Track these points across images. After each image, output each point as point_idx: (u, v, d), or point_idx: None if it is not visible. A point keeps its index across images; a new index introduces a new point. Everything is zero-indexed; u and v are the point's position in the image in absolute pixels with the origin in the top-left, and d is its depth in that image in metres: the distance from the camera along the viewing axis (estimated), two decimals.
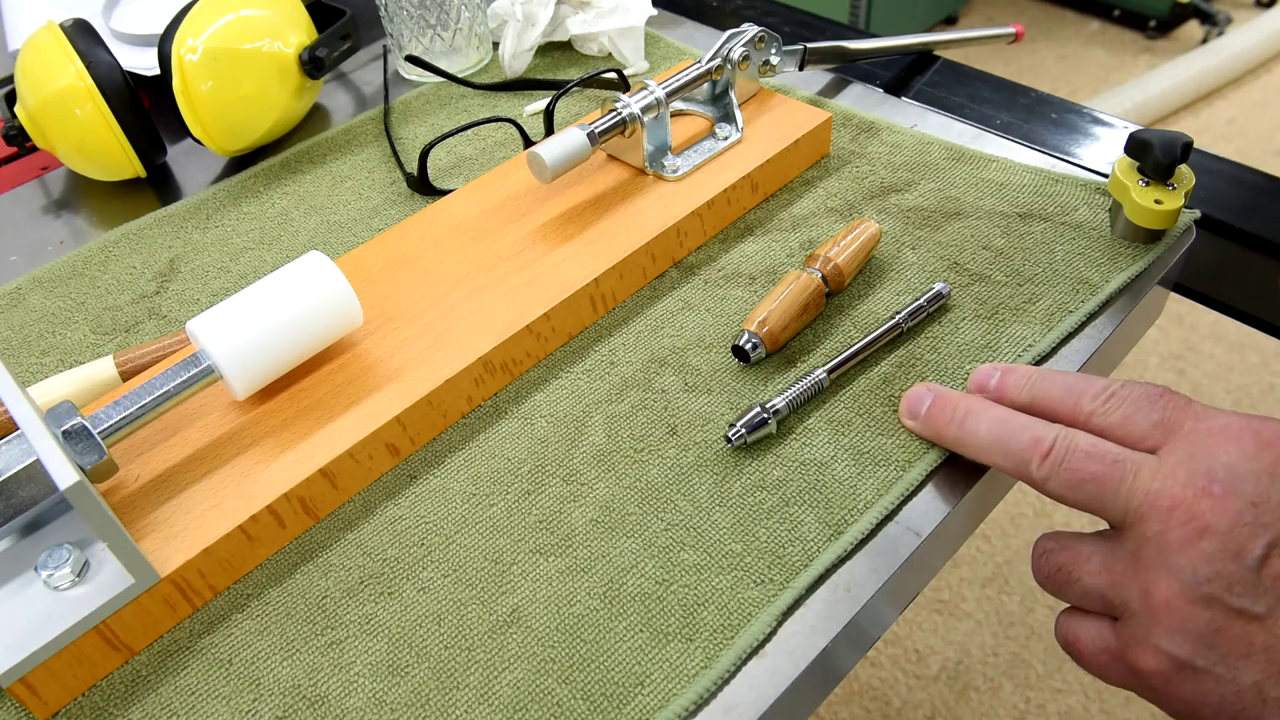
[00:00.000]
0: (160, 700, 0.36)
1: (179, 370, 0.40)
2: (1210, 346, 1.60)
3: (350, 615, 0.38)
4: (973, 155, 0.56)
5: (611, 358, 0.47)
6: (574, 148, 0.49)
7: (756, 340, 0.45)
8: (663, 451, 0.42)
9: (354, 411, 0.42)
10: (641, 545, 0.39)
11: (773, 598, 0.37)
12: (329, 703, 0.36)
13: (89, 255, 0.57)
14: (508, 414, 0.45)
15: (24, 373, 0.50)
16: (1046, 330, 0.46)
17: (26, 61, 0.58)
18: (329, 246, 0.56)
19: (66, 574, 0.36)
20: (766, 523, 0.40)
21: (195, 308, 0.53)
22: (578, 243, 0.49)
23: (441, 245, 0.50)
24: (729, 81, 0.55)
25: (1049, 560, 0.38)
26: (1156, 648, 0.33)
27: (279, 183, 0.61)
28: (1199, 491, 0.33)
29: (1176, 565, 0.32)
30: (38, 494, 0.36)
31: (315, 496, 0.41)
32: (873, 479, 0.41)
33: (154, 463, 0.41)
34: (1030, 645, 1.24)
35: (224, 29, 0.57)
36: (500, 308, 0.46)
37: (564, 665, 0.36)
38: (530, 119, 0.64)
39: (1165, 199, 0.47)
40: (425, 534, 0.41)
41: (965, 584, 1.32)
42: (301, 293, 0.42)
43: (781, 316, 0.45)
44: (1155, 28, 2.31)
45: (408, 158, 0.61)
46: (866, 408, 0.43)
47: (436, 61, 0.67)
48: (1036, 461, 0.36)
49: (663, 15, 0.73)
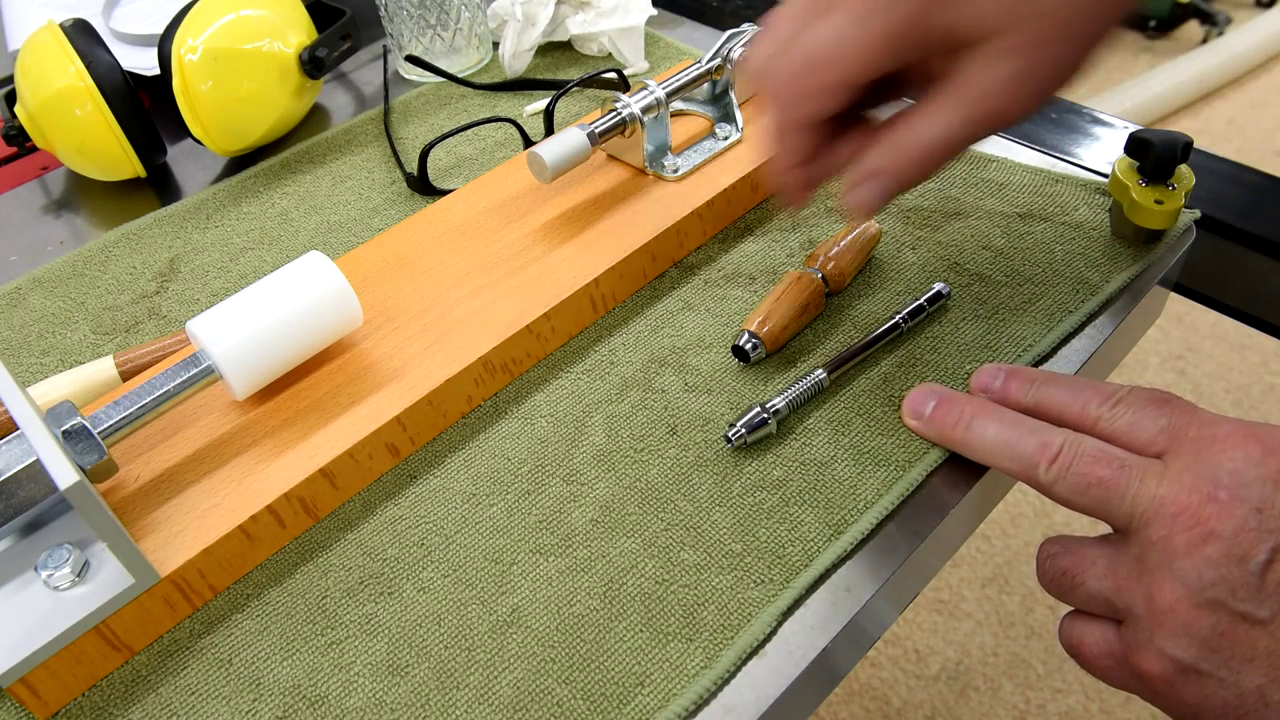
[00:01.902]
0: (160, 700, 0.36)
1: (179, 370, 0.40)
2: (1210, 346, 1.60)
3: (350, 615, 0.38)
4: (972, 155, 0.56)
5: (611, 358, 0.47)
6: (574, 148, 0.49)
7: (756, 340, 0.45)
8: (663, 451, 0.43)
9: (354, 411, 0.42)
10: (642, 545, 0.39)
11: (773, 597, 0.37)
12: (329, 703, 0.36)
13: (89, 255, 0.57)
14: (508, 414, 0.45)
15: (24, 373, 0.50)
16: (1046, 330, 0.46)
17: (26, 61, 0.58)
18: (329, 246, 0.56)
19: (66, 574, 0.36)
20: (767, 523, 0.40)
21: (195, 308, 0.53)
22: (578, 243, 0.49)
23: (441, 245, 0.50)
24: (729, 81, 0.55)
25: (1054, 564, 0.38)
26: (1160, 651, 0.33)
27: (279, 183, 0.61)
28: (1204, 497, 0.33)
29: (1181, 570, 0.33)
30: (38, 494, 0.36)
31: (315, 496, 0.41)
32: (873, 479, 0.41)
33: (154, 463, 0.41)
34: (1030, 645, 1.24)
35: (224, 29, 0.57)
36: (500, 308, 0.46)
37: (564, 665, 0.36)
38: (530, 119, 0.64)
39: (1165, 199, 0.47)
40: (425, 534, 0.41)
41: (965, 584, 1.32)
42: (301, 293, 0.42)
43: (781, 317, 0.45)
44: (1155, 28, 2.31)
45: (408, 158, 0.61)
46: (866, 408, 0.43)
47: (436, 61, 0.67)
48: (1044, 465, 0.36)
49: (663, 15, 0.73)
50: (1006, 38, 0.34)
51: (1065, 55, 0.35)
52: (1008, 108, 0.36)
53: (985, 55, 0.35)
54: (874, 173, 0.38)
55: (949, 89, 0.36)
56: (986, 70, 0.35)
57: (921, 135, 0.37)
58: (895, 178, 0.38)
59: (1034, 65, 0.35)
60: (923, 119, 0.37)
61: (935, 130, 0.36)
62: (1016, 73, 0.35)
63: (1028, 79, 0.35)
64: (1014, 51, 0.34)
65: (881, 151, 0.38)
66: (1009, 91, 0.35)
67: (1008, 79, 0.35)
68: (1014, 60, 0.34)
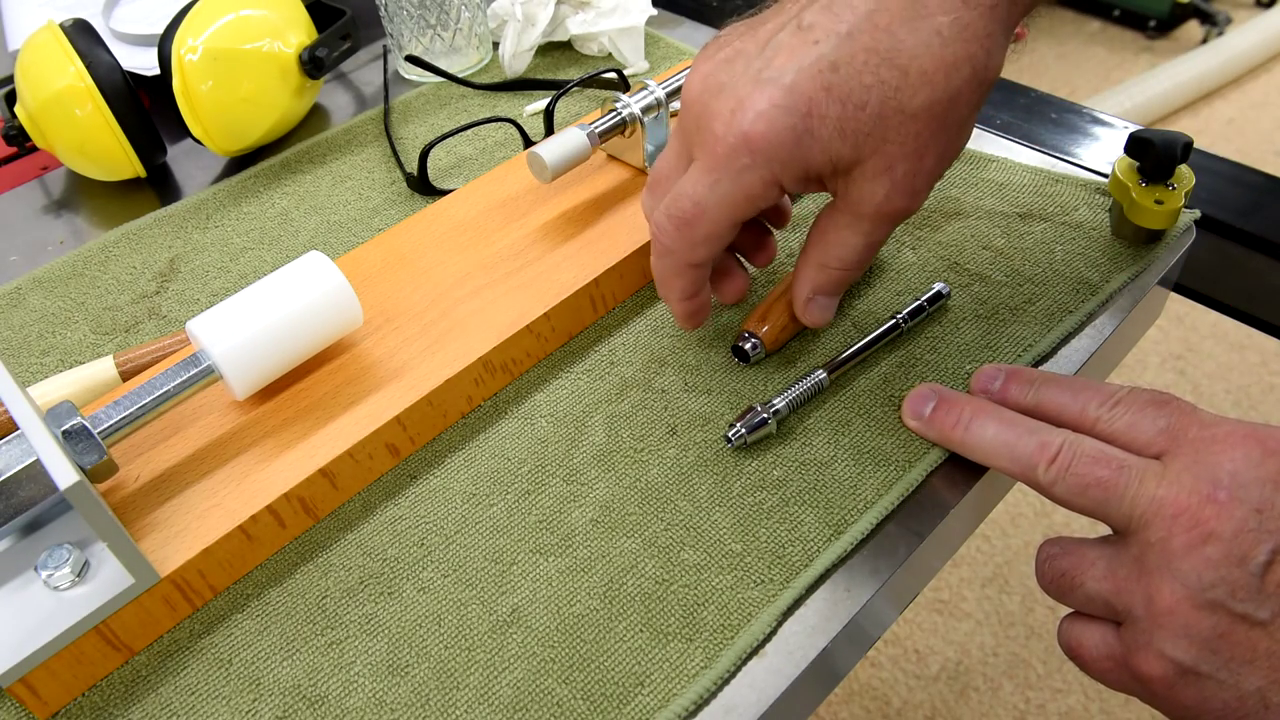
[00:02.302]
0: (160, 700, 0.36)
1: (179, 370, 0.40)
2: (1210, 346, 1.60)
3: (350, 615, 0.38)
4: (972, 155, 0.56)
5: (611, 358, 0.47)
6: (574, 148, 0.49)
7: (756, 340, 0.45)
8: (663, 451, 0.43)
9: (354, 411, 0.42)
10: (642, 545, 0.39)
11: (773, 597, 0.37)
12: (329, 703, 0.36)
13: (89, 255, 0.57)
14: (508, 414, 0.45)
15: (24, 373, 0.50)
16: (1046, 330, 0.46)
17: (26, 61, 0.58)
18: (329, 246, 0.56)
19: (66, 574, 0.36)
20: (767, 522, 0.40)
21: (195, 308, 0.53)
22: (578, 243, 0.49)
23: (441, 245, 0.50)
24: None
25: (1053, 565, 0.38)
26: (1160, 653, 0.33)
27: (279, 183, 0.61)
28: (1204, 498, 0.33)
29: (1180, 571, 0.32)
30: (38, 494, 0.36)
31: (315, 496, 0.41)
32: (873, 479, 0.41)
33: (154, 463, 0.41)
34: (1030, 645, 1.24)
35: (224, 29, 0.57)
36: (500, 308, 0.46)
37: (564, 665, 0.36)
38: (530, 119, 0.64)
39: (1165, 199, 0.47)
40: (425, 534, 0.41)
41: (965, 584, 1.32)
42: (301, 293, 0.42)
43: (780, 317, 0.45)
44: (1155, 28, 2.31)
45: (408, 158, 0.61)
46: (866, 408, 0.43)
47: (436, 61, 0.67)
48: (1043, 466, 0.36)
49: (663, 15, 0.73)
50: (872, 161, 0.36)
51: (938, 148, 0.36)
52: (905, 206, 0.37)
53: (861, 177, 0.36)
54: (811, 295, 0.41)
55: (844, 209, 0.38)
56: (869, 188, 0.36)
57: (837, 255, 0.39)
58: (832, 290, 0.41)
59: (911, 168, 0.36)
60: (835, 240, 0.39)
61: (848, 248, 0.39)
62: (897, 182, 0.36)
63: (911, 179, 0.36)
64: (885, 169, 0.36)
65: (811, 276, 0.41)
66: (898, 197, 0.37)
67: (891, 189, 0.36)
68: (888, 175, 0.36)
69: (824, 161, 0.36)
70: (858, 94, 0.34)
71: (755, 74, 0.35)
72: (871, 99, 0.34)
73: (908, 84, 0.34)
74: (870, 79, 0.34)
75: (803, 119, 0.35)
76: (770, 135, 0.35)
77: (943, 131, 0.35)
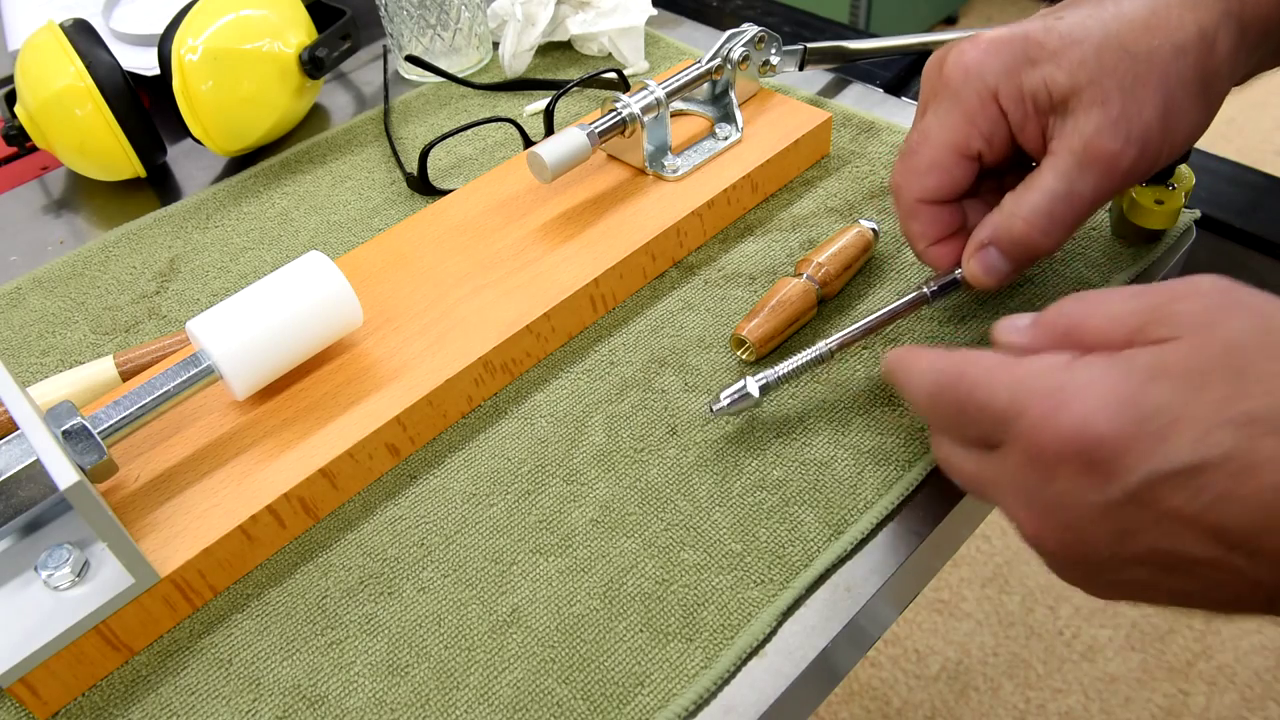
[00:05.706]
0: (160, 700, 0.36)
1: (179, 370, 0.40)
2: None
3: (350, 615, 0.38)
4: None
5: (611, 358, 0.47)
6: (574, 148, 0.49)
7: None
8: (663, 451, 0.43)
9: (354, 411, 0.42)
10: (642, 545, 0.39)
11: (773, 597, 0.37)
12: (329, 703, 0.36)
13: (89, 255, 0.57)
14: (508, 414, 0.45)
15: (24, 373, 0.50)
16: None
17: (26, 61, 0.58)
18: (329, 246, 0.56)
19: (66, 574, 0.36)
20: (767, 522, 0.40)
21: (195, 308, 0.53)
22: (578, 243, 0.49)
23: (441, 245, 0.50)
24: (729, 81, 0.55)
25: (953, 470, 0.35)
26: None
27: (279, 183, 0.61)
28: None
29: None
30: (38, 494, 0.36)
31: (315, 496, 0.41)
32: (873, 479, 0.41)
33: (154, 463, 0.41)
34: (1030, 645, 1.24)
35: (224, 29, 0.57)
36: (500, 308, 0.46)
37: (564, 665, 0.36)
38: (530, 119, 0.64)
39: (1165, 199, 0.47)
40: (425, 534, 0.41)
41: (965, 584, 1.32)
42: (301, 293, 0.42)
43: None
44: None
45: (408, 158, 0.61)
46: (866, 408, 0.43)
47: (436, 61, 0.67)
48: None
49: (663, 15, 0.73)
50: (1089, 91, 0.36)
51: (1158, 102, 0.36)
52: (1115, 150, 0.36)
53: (1076, 111, 0.36)
54: (983, 243, 0.39)
55: (1052, 149, 0.37)
56: (1080, 121, 0.36)
57: (1029, 201, 0.38)
58: (1008, 245, 0.39)
59: (1128, 110, 0.36)
60: (1033, 184, 0.38)
61: (1042, 193, 0.37)
62: (1112, 118, 0.36)
63: (1127, 121, 0.36)
64: (1100, 101, 0.36)
65: (993, 220, 0.39)
66: (1108, 135, 0.36)
67: (1102, 123, 0.36)
68: (1103, 108, 0.36)
69: (1038, 84, 0.37)
70: (1078, 30, 0.37)
71: None
72: (1092, 34, 0.36)
73: (1131, 31, 0.36)
74: (1093, 22, 0.37)
75: (1021, 42, 0.37)
76: (986, 58, 0.38)
77: (1164, 87, 0.36)
